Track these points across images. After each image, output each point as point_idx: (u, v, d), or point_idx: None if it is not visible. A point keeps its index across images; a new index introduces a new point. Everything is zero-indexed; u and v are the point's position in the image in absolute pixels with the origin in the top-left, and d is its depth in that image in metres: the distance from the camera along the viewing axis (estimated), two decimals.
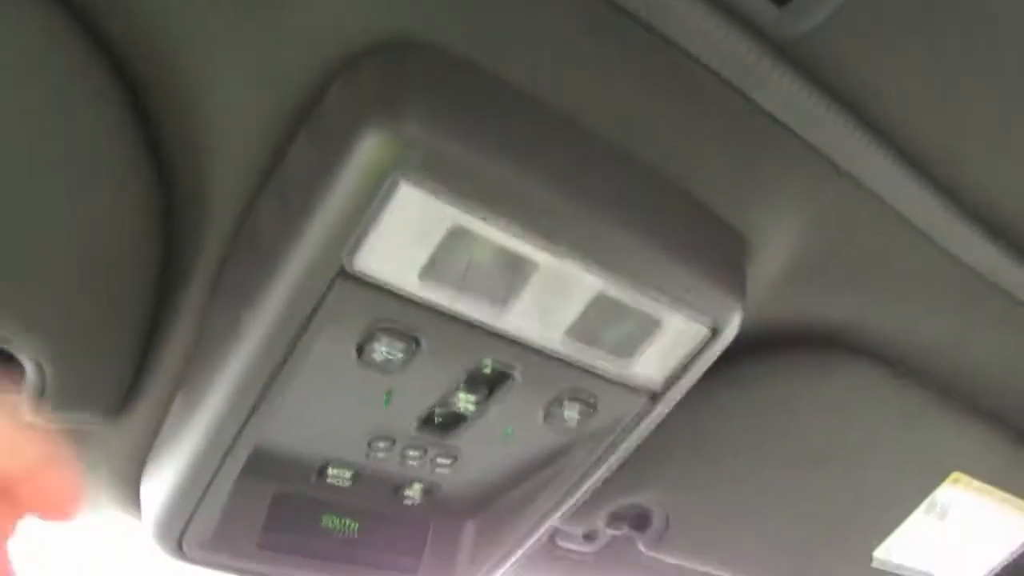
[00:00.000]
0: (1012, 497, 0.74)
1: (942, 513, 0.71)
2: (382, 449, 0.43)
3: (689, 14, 0.32)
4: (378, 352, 0.36)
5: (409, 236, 0.32)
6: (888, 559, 0.74)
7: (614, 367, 0.41)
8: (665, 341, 0.40)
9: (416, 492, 0.48)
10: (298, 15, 0.31)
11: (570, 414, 0.43)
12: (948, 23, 0.33)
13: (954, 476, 0.68)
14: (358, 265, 0.33)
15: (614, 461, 0.47)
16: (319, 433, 0.42)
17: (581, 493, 0.49)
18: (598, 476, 0.48)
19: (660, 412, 0.44)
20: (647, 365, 0.41)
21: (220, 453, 0.38)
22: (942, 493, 0.69)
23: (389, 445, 0.43)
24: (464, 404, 0.41)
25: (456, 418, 0.43)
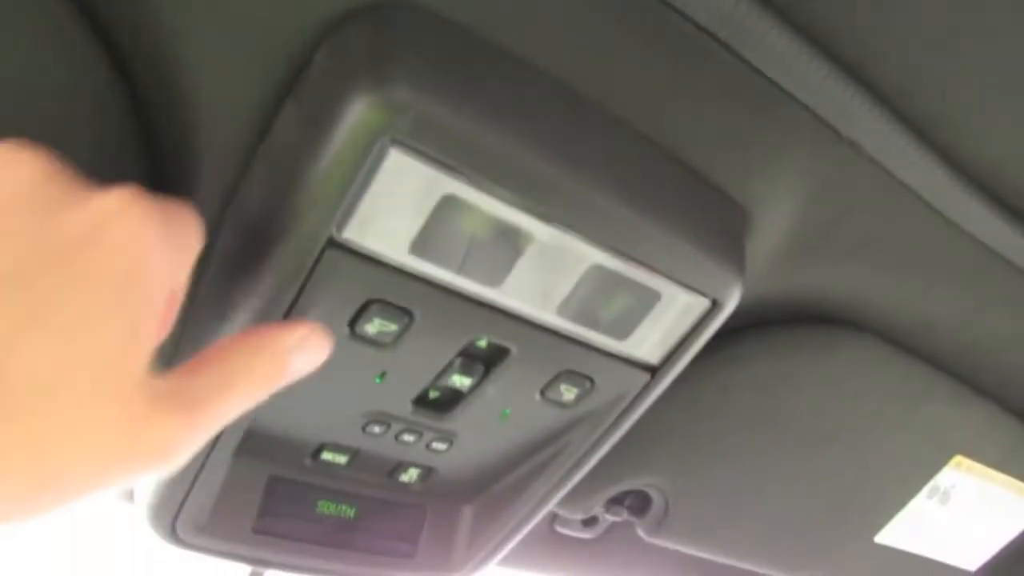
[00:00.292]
0: (1015, 480, 0.73)
1: (944, 497, 0.71)
2: (377, 432, 0.43)
3: None
4: (371, 325, 0.36)
5: (400, 205, 0.32)
6: (890, 543, 0.74)
7: (612, 342, 0.40)
8: (663, 315, 0.39)
9: (413, 476, 0.47)
10: None
11: (568, 392, 0.42)
12: None
13: (956, 459, 0.67)
14: (348, 235, 0.32)
15: (613, 442, 0.47)
16: (313, 413, 0.42)
17: (580, 475, 0.48)
18: (597, 457, 0.48)
19: (659, 389, 0.44)
20: (645, 340, 0.41)
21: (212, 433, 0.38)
22: (944, 477, 0.68)
23: (384, 427, 0.43)
24: (460, 382, 0.41)
25: (452, 398, 0.42)
